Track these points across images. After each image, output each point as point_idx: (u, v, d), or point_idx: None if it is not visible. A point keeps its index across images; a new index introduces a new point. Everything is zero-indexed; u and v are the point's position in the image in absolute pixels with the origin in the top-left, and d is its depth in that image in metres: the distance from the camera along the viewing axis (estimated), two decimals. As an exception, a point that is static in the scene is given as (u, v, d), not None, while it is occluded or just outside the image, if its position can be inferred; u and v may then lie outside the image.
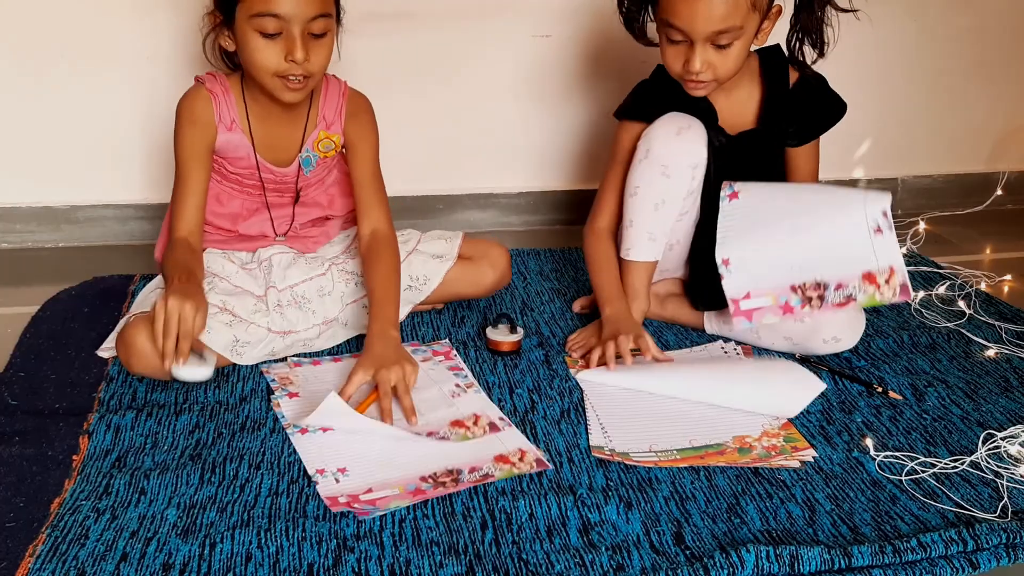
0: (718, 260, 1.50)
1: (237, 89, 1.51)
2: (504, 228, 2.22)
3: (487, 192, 2.21)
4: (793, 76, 1.58)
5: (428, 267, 1.63)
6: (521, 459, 1.25)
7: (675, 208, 1.55)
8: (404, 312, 1.63)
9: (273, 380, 1.46)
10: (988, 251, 2.14)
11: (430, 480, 1.21)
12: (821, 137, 1.64)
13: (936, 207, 2.34)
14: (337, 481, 1.21)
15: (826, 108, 1.60)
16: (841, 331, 1.52)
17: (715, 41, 1.43)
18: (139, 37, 1.94)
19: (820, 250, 1.45)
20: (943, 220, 2.28)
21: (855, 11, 1.52)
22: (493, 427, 1.33)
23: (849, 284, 1.42)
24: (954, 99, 2.35)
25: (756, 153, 1.60)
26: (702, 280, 1.60)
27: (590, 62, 2.12)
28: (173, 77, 1.97)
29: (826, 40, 1.51)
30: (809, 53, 1.55)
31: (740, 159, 1.58)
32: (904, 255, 1.98)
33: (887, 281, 1.41)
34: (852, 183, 2.33)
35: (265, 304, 1.53)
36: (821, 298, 1.40)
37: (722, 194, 1.53)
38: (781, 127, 1.59)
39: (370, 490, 1.19)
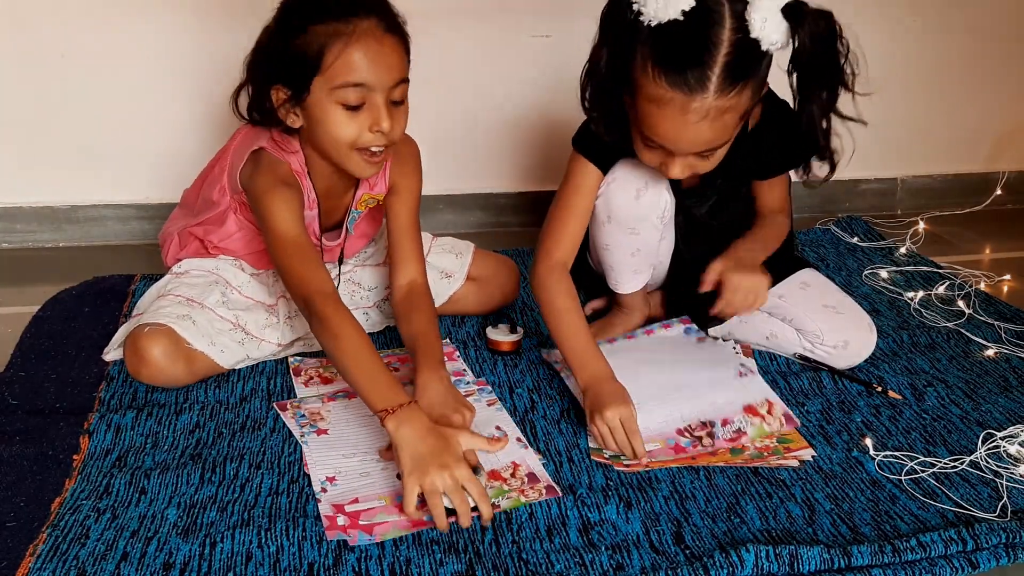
0: None
1: (304, 163, 1.42)
2: (503, 228, 2.22)
3: (487, 192, 2.22)
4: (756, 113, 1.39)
5: (436, 286, 1.58)
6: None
7: (652, 248, 1.52)
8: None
9: (303, 415, 1.37)
10: (987, 251, 2.14)
11: None
12: None
13: (935, 207, 2.34)
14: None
15: (792, 145, 1.41)
16: (850, 344, 1.51)
17: (699, 153, 1.30)
18: (140, 37, 1.93)
19: (697, 391, 1.41)
20: (942, 220, 2.28)
21: (863, 122, 1.32)
22: (532, 478, 1.24)
23: (734, 418, 1.38)
24: (953, 99, 2.35)
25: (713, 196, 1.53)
26: (697, 299, 1.51)
27: (590, 62, 2.11)
28: (174, 77, 1.97)
29: (835, 152, 1.36)
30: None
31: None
32: (904, 255, 2.02)
33: (769, 412, 1.39)
34: (852, 183, 2.33)
35: (276, 316, 1.52)
36: (711, 435, 1.36)
37: None
38: (731, 173, 1.45)
39: (372, 509, 1.17)
